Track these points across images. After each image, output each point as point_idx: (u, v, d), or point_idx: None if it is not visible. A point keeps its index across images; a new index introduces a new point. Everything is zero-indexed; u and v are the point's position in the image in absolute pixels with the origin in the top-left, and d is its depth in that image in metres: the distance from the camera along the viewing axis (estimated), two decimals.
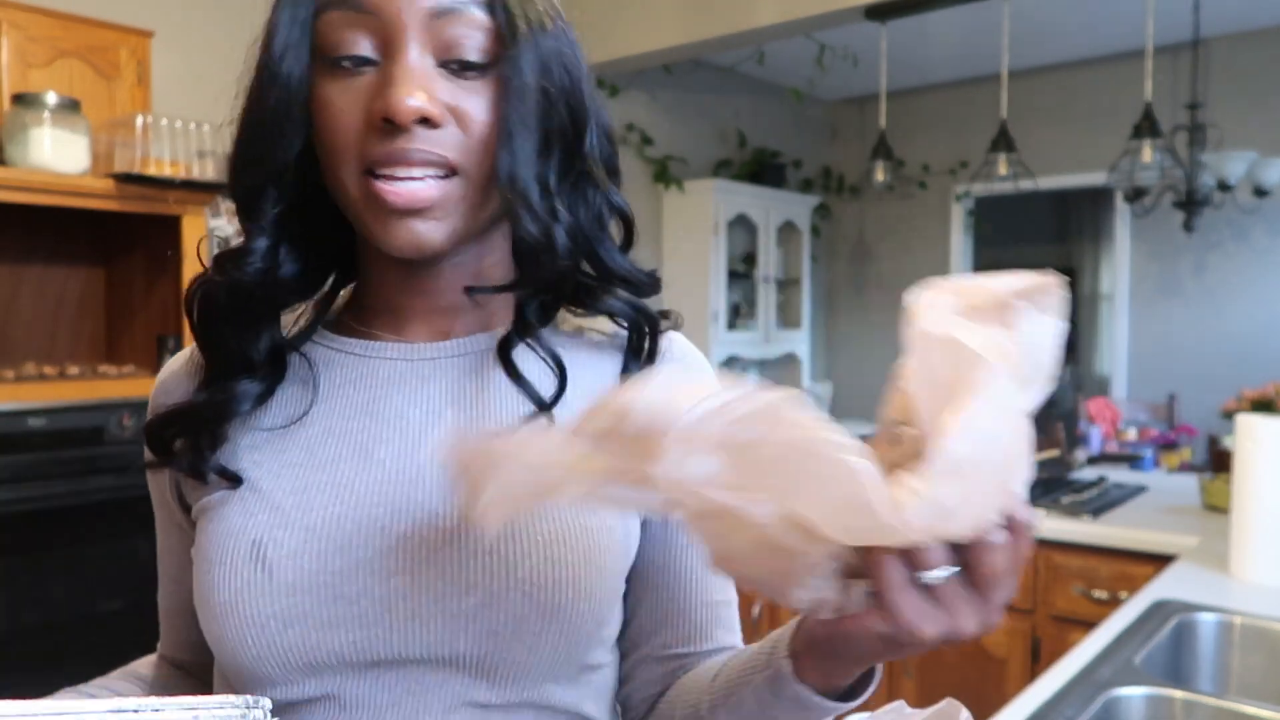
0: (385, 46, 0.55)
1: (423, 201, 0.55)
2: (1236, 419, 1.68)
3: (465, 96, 0.56)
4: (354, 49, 0.55)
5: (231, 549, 0.58)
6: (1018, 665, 2.22)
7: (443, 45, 0.55)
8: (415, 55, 0.55)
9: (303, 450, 0.61)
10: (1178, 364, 4.80)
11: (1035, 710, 1.12)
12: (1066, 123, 4.98)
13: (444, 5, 0.55)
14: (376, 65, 0.55)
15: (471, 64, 0.56)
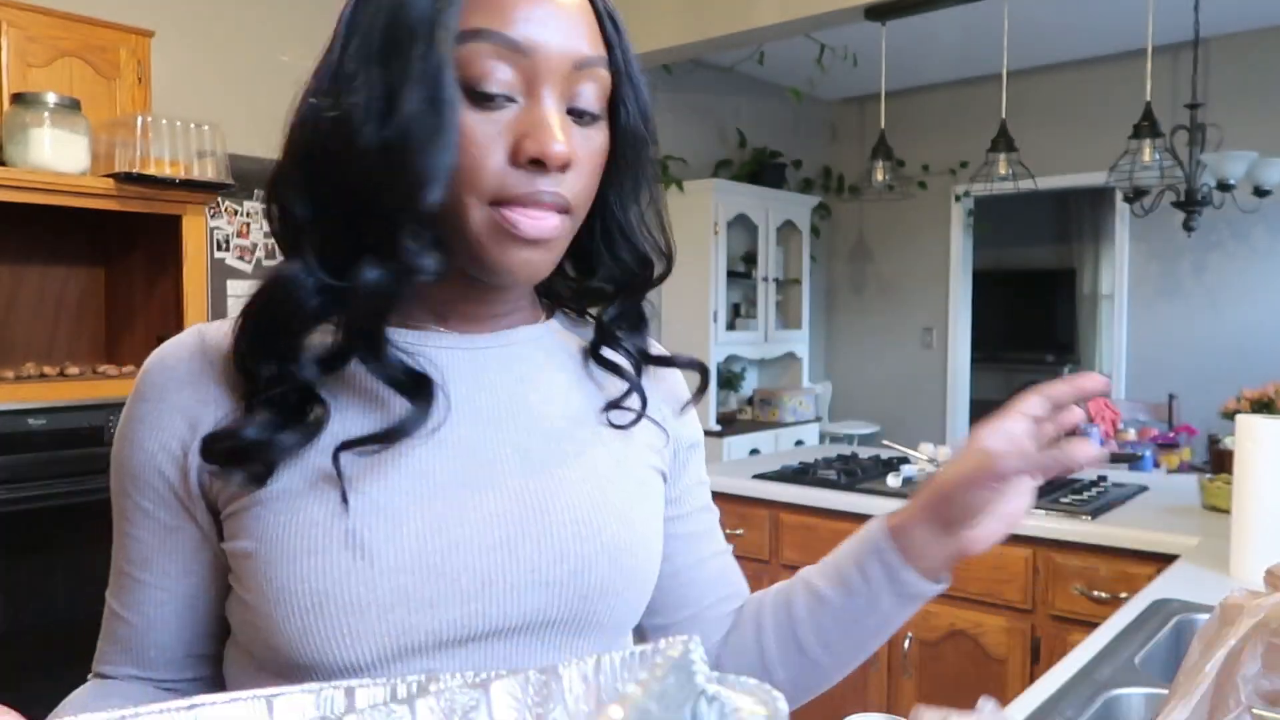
0: (529, 86, 0.58)
1: (549, 233, 0.59)
2: (1236, 419, 1.68)
3: (583, 143, 0.60)
4: (499, 86, 0.57)
5: (323, 540, 0.58)
6: (1018, 665, 2.22)
7: (573, 94, 0.59)
8: (554, 100, 0.58)
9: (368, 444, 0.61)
10: (1177, 364, 4.80)
11: (1035, 710, 1.12)
12: (1066, 123, 4.98)
13: (585, 59, 0.59)
14: (515, 103, 0.58)
15: (590, 114, 0.61)
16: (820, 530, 2.53)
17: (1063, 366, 7.18)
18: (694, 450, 0.77)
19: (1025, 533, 2.21)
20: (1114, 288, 5.16)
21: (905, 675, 2.39)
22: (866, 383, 5.83)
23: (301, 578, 0.57)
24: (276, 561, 0.58)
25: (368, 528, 0.58)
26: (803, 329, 5.37)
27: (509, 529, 0.61)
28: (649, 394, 0.73)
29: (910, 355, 5.66)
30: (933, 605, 2.37)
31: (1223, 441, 2.55)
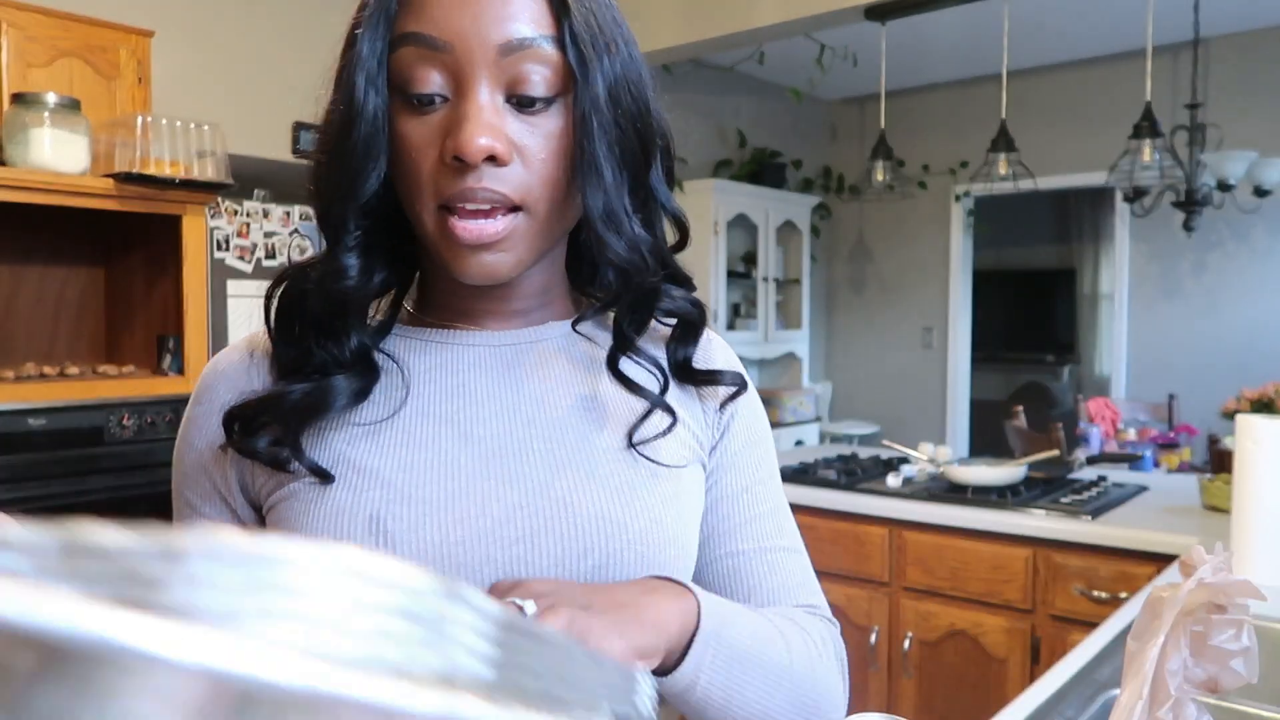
0: (456, 83, 0.57)
1: (491, 236, 0.58)
2: (1236, 419, 1.68)
3: (530, 133, 0.58)
4: (427, 86, 0.57)
5: (347, 525, 0.59)
6: (1018, 665, 2.22)
7: (511, 81, 0.57)
8: (485, 93, 0.56)
9: (400, 432, 0.63)
10: (1177, 364, 4.80)
11: (1035, 710, 1.12)
12: (1066, 123, 4.98)
13: (514, 41, 0.56)
14: (448, 101, 0.57)
15: (538, 99, 0.57)
16: (820, 530, 2.53)
17: (1063, 366, 7.19)
18: (729, 429, 0.72)
19: (1025, 533, 2.21)
20: (1114, 288, 5.16)
21: (905, 675, 2.39)
22: (866, 383, 5.83)
23: None
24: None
25: (392, 516, 0.59)
26: (803, 329, 5.37)
27: (532, 522, 0.61)
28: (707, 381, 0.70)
29: (910, 355, 5.66)
30: (933, 605, 2.37)
31: (1223, 441, 2.55)
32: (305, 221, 3.07)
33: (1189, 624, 0.57)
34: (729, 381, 0.70)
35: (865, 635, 2.45)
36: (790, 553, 0.73)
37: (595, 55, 0.58)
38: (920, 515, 2.37)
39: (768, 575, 0.71)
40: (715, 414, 0.71)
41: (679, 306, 0.69)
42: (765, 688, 0.61)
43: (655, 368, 0.67)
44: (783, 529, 0.73)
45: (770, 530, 0.72)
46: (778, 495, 0.74)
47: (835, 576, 2.52)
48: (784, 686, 0.62)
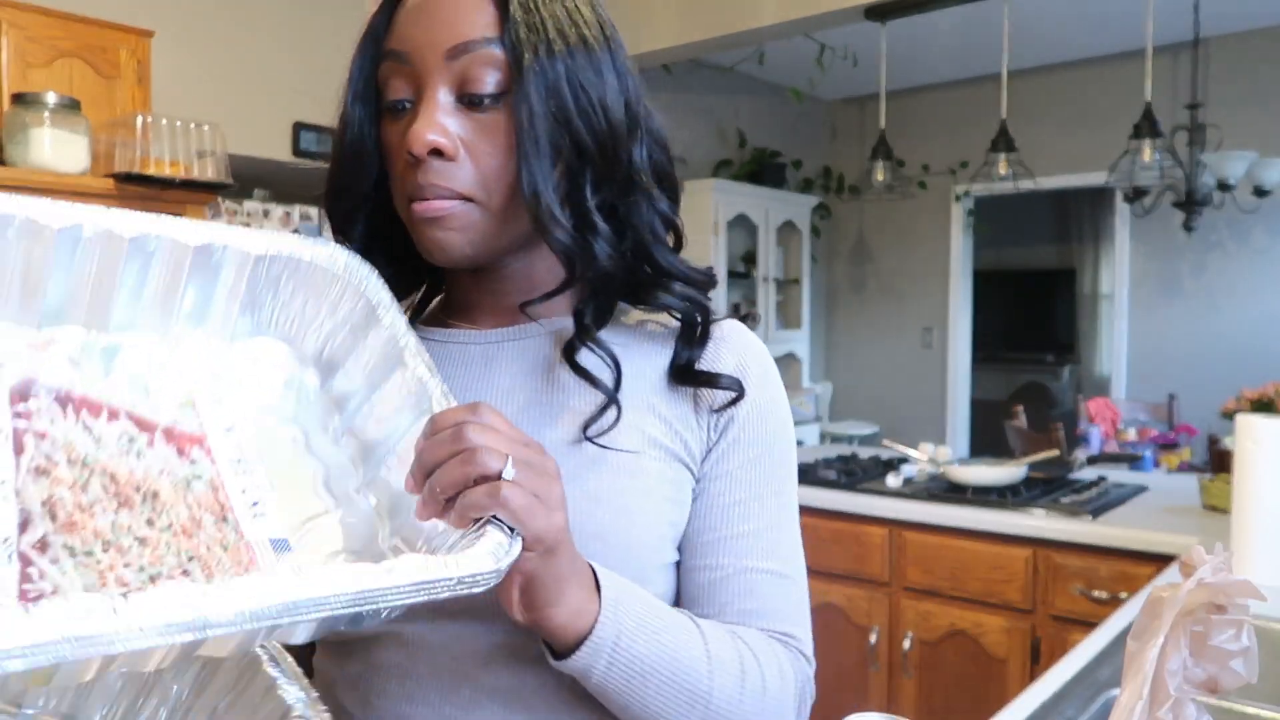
0: (417, 89, 0.63)
1: (435, 211, 0.63)
2: (1236, 419, 1.68)
3: (477, 129, 0.62)
4: (398, 94, 0.64)
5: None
6: (1018, 665, 2.22)
7: (460, 81, 0.62)
8: (440, 94, 0.62)
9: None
10: (1177, 364, 4.80)
11: (1035, 710, 1.12)
12: (1066, 123, 4.98)
13: (460, 45, 0.61)
14: (412, 106, 0.63)
15: (483, 96, 0.62)
16: (820, 530, 2.53)
17: (1063, 366, 7.18)
18: (723, 436, 0.70)
19: (1025, 533, 2.21)
20: (1114, 288, 5.16)
21: (905, 675, 2.39)
22: (866, 383, 5.83)
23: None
24: None
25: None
26: (803, 329, 5.37)
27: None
28: (638, 375, 0.68)
29: (910, 355, 5.66)
30: (933, 605, 2.37)
31: (1223, 441, 2.55)
32: (305, 222, 3.07)
33: (1189, 624, 0.57)
34: (725, 386, 0.68)
35: (865, 635, 2.45)
36: (776, 577, 0.69)
37: (534, 54, 0.61)
38: (920, 515, 2.37)
39: (742, 597, 0.67)
40: (710, 418, 0.69)
41: (673, 304, 0.68)
42: (669, 705, 0.60)
43: (610, 360, 0.66)
44: (774, 552, 0.69)
45: (758, 550, 0.68)
46: (778, 514, 0.70)
47: (835, 576, 2.52)
48: (696, 711, 0.61)
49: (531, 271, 0.69)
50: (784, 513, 0.71)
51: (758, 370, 0.71)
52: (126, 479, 0.53)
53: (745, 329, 0.73)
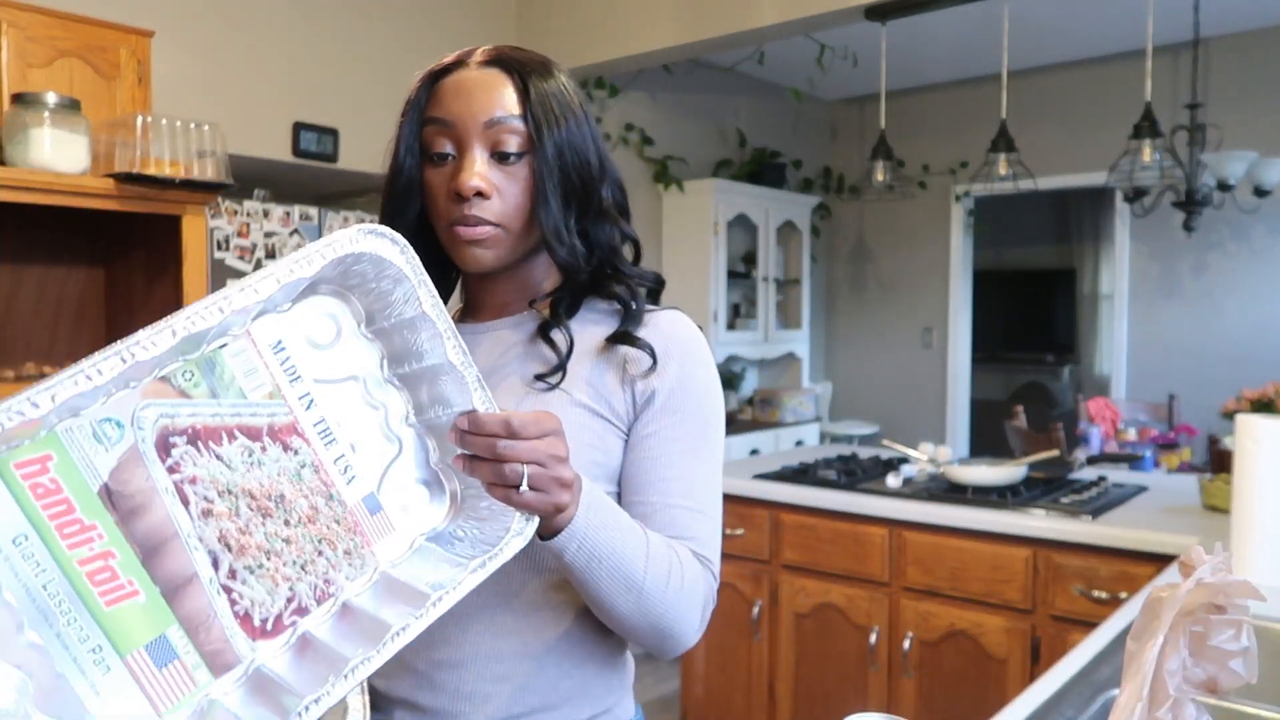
0: (459, 147, 0.89)
1: (477, 235, 0.89)
2: (1236, 419, 1.68)
3: (505, 178, 0.89)
4: (442, 149, 0.89)
5: None
6: (1018, 665, 2.22)
7: (493, 144, 0.88)
8: (478, 151, 0.88)
9: None
10: (1177, 364, 4.80)
11: (1035, 710, 1.12)
12: (1066, 123, 4.98)
13: (493, 119, 0.88)
14: (454, 160, 0.89)
15: (510, 155, 0.88)
16: (820, 530, 2.53)
17: (1063, 366, 7.18)
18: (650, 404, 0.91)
19: (1025, 533, 2.21)
20: (1114, 288, 5.15)
21: (905, 675, 2.39)
22: (866, 383, 5.83)
23: None
24: None
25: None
26: (803, 329, 5.37)
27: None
28: (588, 343, 0.92)
29: (910, 355, 5.66)
30: (933, 605, 2.37)
31: (1223, 441, 2.55)
32: (305, 222, 3.06)
33: (1188, 624, 0.57)
34: (639, 346, 0.90)
35: (865, 635, 2.45)
36: (693, 513, 0.90)
37: (548, 128, 0.88)
38: (920, 515, 2.37)
39: (667, 527, 0.88)
40: (633, 386, 0.90)
41: (621, 294, 0.94)
42: (615, 588, 0.80)
43: (568, 337, 0.91)
44: (689, 493, 0.90)
45: (677, 491, 0.89)
46: (696, 465, 0.91)
47: (835, 576, 2.52)
48: (631, 593, 0.81)
49: (530, 277, 0.97)
50: (702, 465, 0.91)
51: (680, 349, 0.93)
52: (259, 491, 0.63)
53: (683, 318, 0.96)
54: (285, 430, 0.64)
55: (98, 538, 0.56)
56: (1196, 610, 0.57)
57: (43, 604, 0.55)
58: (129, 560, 0.58)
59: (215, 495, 0.61)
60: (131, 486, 0.58)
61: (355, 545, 0.68)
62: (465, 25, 3.72)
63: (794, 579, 2.61)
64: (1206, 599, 0.57)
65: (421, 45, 3.53)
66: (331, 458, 0.67)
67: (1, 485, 0.54)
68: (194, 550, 0.60)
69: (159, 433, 0.59)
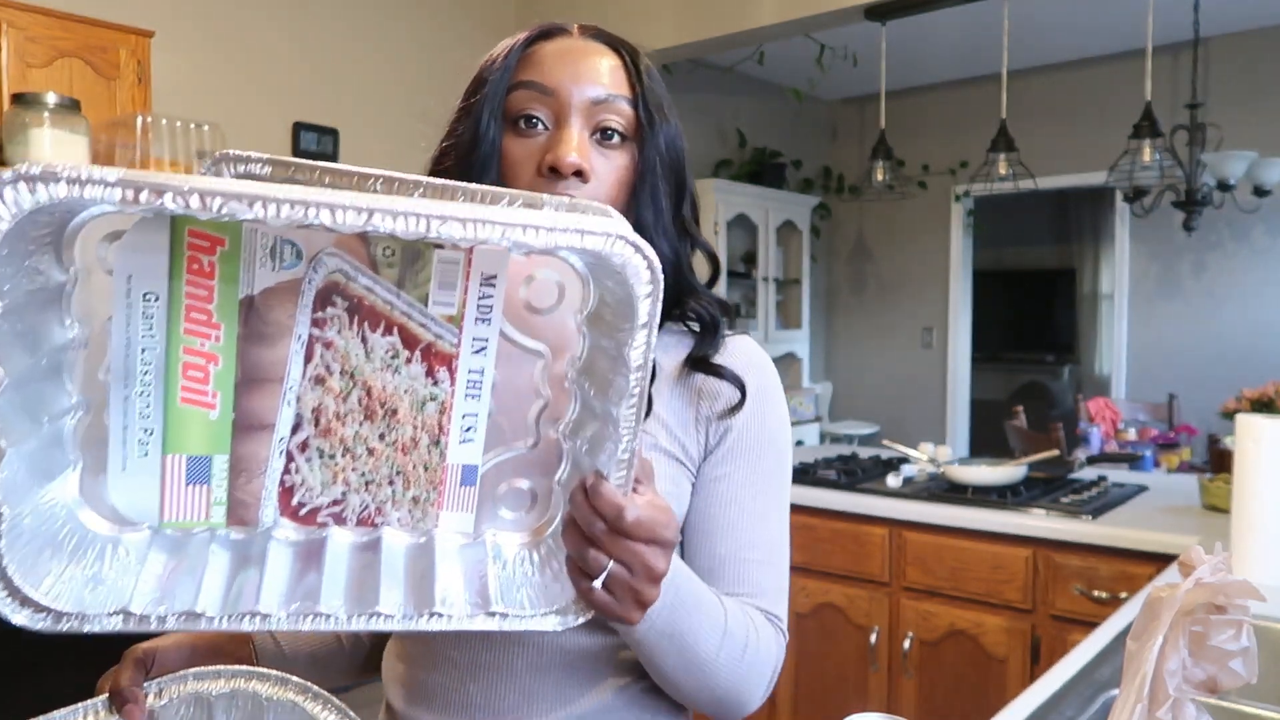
0: (557, 118, 0.77)
1: None
2: (1236, 419, 1.68)
3: (603, 161, 0.77)
4: (535, 113, 0.77)
5: None
6: (1018, 665, 2.22)
7: (595, 122, 0.77)
8: (579, 127, 0.76)
9: None
10: (1177, 364, 4.80)
11: (1035, 710, 1.12)
12: (1066, 123, 4.98)
13: (601, 97, 0.77)
14: (547, 131, 0.77)
15: (615, 136, 0.78)
16: (820, 530, 2.53)
17: (1063, 366, 7.18)
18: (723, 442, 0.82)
19: (1025, 533, 2.21)
20: (1114, 288, 5.16)
21: (905, 675, 2.39)
22: (866, 383, 5.83)
23: None
24: None
25: None
26: (803, 329, 5.37)
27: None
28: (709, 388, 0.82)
29: (910, 355, 5.66)
30: (933, 605, 2.37)
31: (1223, 441, 2.55)
32: None
33: (1188, 624, 0.57)
34: (728, 378, 0.81)
35: (865, 635, 2.45)
36: (764, 565, 0.81)
37: (658, 118, 0.79)
38: (920, 515, 2.37)
39: (734, 582, 0.80)
40: (708, 426, 0.81)
41: (701, 312, 0.84)
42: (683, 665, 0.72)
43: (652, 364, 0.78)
44: (760, 543, 0.81)
45: (747, 541, 0.81)
46: (767, 511, 0.82)
47: (835, 576, 2.52)
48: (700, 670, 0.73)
49: None
50: (774, 510, 0.83)
51: (757, 381, 0.83)
52: (378, 394, 0.59)
53: (758, 347, 0.87)
54: (440, 358, 0.59)
55: (214, 338, 0.55)
56: (1196, 610, 0.57)
57: (132, 363, 0.54)
58: (226, 375, 0.56)
59: (338, 370, 0.58)
60: (272, 314, 0.56)
61: (426, 499, 0.62)
62: (465, 25, 3.72)
63: (794, 579, 2.61)
64: (1206, 599, 0.57)
65: (421, 45, 3.53)
66: (462, 411, 0.61)
67: (167, 241, 0.52)
68: (286, 404, 0.57)
69: (326, 283, 0.56)
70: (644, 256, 0.53)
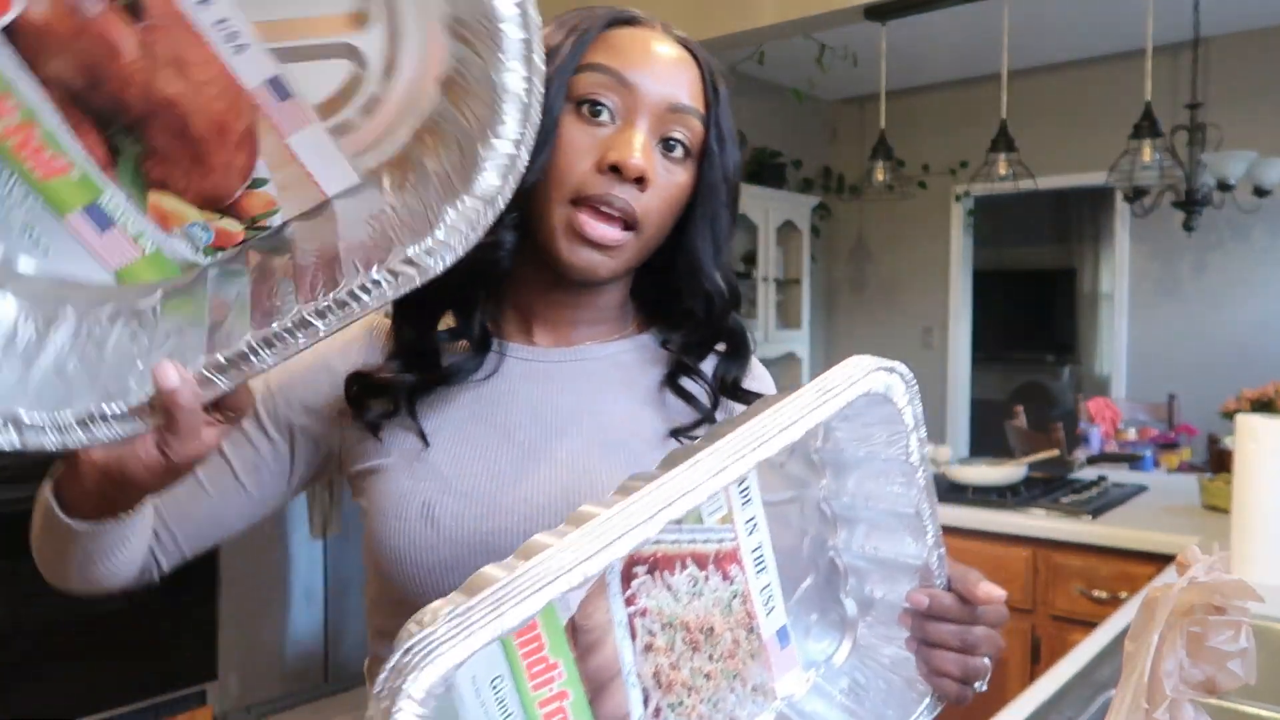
0: (627, 114, 0.70)
1: (609, 241, 0.70)
2: (1236, 419, 1.68)
3: (664, 173, 0.71)
4: (605, 101, 0.70)
5: (405, 508, 0.71)
6: (1018, 665, 2.22)
7: (665, 129, 0.71)
8: (645, 130, 0.70)
9: (454, 430, 0.74)
10: (1177, 364, 4.80)
11: (1035, 710, 1.12)
12: (1066, 123, 4.98)
13: (678, 104, 0.71)
14: (612, 124, 0.70)
15: (682, 146, 0.72)
16: None
17: (1063, 366, 7.18)
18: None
19: (1025, 533, 2.21)
20: (1114, 287, 5.15)
21: None
22: None
23: (389, 535, 0.72)
24: (374, 519, 0.73)
25: (439, 504, 0.71)
26: (803, 329, 5.36)
27: (558, 518, 0.68)
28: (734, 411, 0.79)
29: (910, 355, 5.65)
30: None
31: (1223, 441, 2.55)
32: None
33: (1186, 625, 0.57)
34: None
35: None
36: None
37: (728, 139, 0.74)
38: None
39: None
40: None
41: (736, 337, 0.82)
42: None
43: (708, 386, 0.78)
44: None
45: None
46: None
47: None
48: None
49: (601, 300, 0.79)
50: None
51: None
52: (695, 624, 0.59)
53: (764, 369, 0.87)
54: (728, 557, 0.60)
55: (558, 676, 0.54)
56: (1195, 611, 0.57)
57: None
58: (579, 699, 0.55)
59: (659, 629, 0.58)
60: (593, 620, 0.55)
61: (763, 682, 0.63)
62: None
63: None
64: (1203, 599, 0.57)
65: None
66: (759, 586, 0.62)
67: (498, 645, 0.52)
68: (631, 688, 0.57)
69: (626, 561, 0.56)
70: (891, 371, 0.57)
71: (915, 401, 0.59)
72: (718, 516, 0.59)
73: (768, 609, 0.63)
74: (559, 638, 0.54)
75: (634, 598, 0.56)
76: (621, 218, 0.69)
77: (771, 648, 0.63)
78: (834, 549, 0.65)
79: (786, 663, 0.64)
